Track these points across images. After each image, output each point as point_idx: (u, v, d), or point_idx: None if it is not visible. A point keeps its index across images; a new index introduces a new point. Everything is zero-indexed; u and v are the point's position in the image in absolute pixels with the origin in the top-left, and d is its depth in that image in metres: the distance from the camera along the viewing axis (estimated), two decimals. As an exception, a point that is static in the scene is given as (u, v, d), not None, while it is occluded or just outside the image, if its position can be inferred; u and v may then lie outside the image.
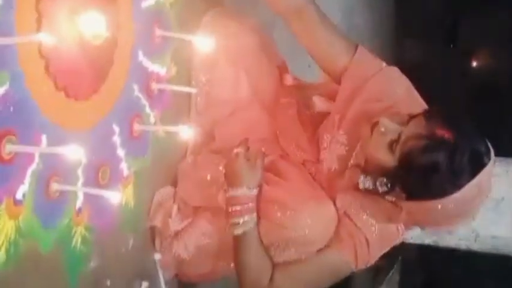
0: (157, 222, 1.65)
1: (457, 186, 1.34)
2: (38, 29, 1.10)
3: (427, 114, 1.40)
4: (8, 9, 1.03)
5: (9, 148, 1.06)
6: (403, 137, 1.38)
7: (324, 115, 1.67)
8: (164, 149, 1.65)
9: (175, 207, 1.68)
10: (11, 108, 1.06)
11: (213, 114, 1.77)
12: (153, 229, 1.67)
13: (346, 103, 1.58)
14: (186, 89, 1.70)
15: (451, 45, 6.56)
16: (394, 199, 1.46)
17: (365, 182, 1.48)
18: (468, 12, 6.26)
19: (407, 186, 1.41)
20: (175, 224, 1.67)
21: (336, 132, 1.59)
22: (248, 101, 1.76)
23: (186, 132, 1.58)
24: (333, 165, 1.58)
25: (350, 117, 1.57)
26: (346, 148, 1.57)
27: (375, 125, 1.45)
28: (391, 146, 1.40)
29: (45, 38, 1.04)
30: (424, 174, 1.36)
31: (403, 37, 6.17)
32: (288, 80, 1.85)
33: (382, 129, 1.41)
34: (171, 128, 1.62)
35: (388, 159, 1.41)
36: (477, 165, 1.35)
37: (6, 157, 1.06)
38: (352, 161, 1.55)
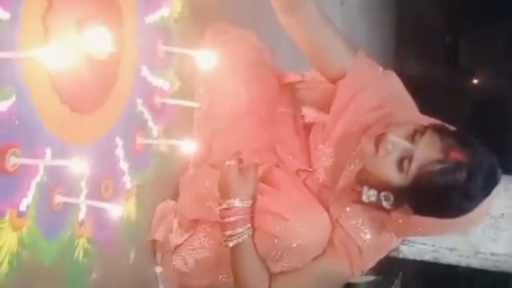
0: (159, 236, 1.66)
1: (473, 206, 1.38)
2: (44, 44, 1.11)
3: (439, 133, 1.39)
4: (14, 24, 1.04)
5: (14, 160, 1.08)
6: (417, 159, 1.36)
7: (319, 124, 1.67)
8: (167, 163, 1.67)
9: (176, 221, 1.68)
10: (16, 122, 1.08)
11: (211, 127, 1.78)
12: (154, 242, 1.68)
13: (340, 113, 1.57)
14: (189, 104, 1.72)
15: (452, 63, 6.58)
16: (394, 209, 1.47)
17: (369, 196, 1.47)
18: (468, 30, 6.29)
19: (420, 205, 1.42)
20: (175, 238, 1.67)
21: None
22: (245, 112, 1.76)
23: (188, 146, 1.60)
24: (321, 175, 1.58)
25: (340, 129, 1.55)
26: (332, 160, 1.56)
27: (379, 140, 1.42)
28: (401, 164, 1.38)
29: (51, 53, 1.06)
30: (440, 196, 1.36)
31: (403, 54, 6.20)
32: (291, 77, 1.84)
33: (389, 147, 1.39)
34: (174, 142, 1.64)
35: (397, 178, 1.40)
36: (491, 184, 1.39)
37: (11, 169, 1.08)
38: (345, 174, 1.53)
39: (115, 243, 1.46)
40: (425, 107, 1.63)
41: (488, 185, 1.38)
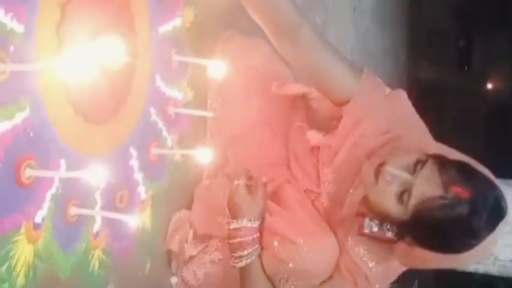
0: (174, 246, 1.65)
1: (477, 242, 1.31)
2: (58, 56, 1.11)
3: (439, 166, 1.32)
4: (28, 36, 1.04)
5: (29, 172, 1.07)
6: (415, 194, 1.30)
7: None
8: (181, 173, 1.66)
9: (191, 232, 1.67)
10: (31, 134, 1.08)
11: (224, 137, 1.77)
12: (169, 252, 1.67)
13: (344, 138, 1.52)
14: (202, 113, 1.71)
15: (466, 68, 6.56)
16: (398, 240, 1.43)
17: (371, 227, 1.43)
18: (482, 34, 6.27)
19: (421, 240, 1.37)
20: (190, 249, 1.66)
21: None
22: (257, 123, 1.75)
23: (203, 156, 1.59)
24: (325, 201, 1.56)
25: (343, 154, 1.51)
26: (333, 187, 1.53)
27: (379, 169, 1.37)
28: (400, 196, 1.33)
29: (65, 64, 1.06)
30: (441, 233, 1.31)
31: (416, 59, 6.18)
32: (299, 88, 1.77)
33: (389, 179, 1.34)
34: (188, 152, 1.63)
35: (398, 211, 1.34)
36: (496, 219, 1.32)
37: (26, 181, 1.07)
38: (349, 202, 1.50)
39: (130, 254, 1.45)
40: (437, 111, 1.60)
41: (493, 220, 1.31)
